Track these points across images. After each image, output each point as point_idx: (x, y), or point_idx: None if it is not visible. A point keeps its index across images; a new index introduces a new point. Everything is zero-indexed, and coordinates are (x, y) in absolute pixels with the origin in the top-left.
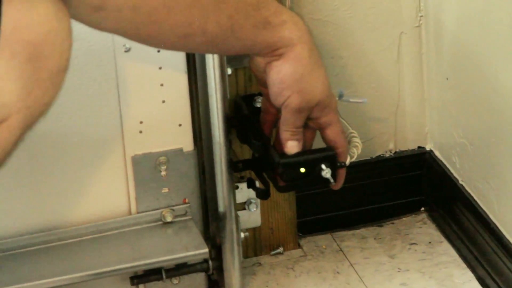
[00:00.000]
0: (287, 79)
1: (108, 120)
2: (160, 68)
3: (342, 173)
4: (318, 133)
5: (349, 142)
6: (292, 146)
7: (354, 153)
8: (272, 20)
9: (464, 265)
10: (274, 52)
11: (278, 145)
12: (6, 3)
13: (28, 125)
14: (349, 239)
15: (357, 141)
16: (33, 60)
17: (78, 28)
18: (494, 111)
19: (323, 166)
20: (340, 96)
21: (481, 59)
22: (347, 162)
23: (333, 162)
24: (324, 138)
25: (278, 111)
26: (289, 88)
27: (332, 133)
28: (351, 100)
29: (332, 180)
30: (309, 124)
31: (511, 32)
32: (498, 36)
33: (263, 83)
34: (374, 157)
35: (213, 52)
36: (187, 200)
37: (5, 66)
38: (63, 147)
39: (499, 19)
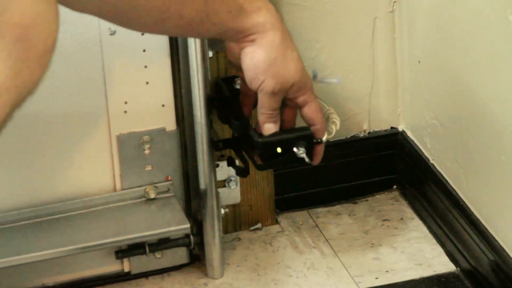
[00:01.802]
0: (260, 64)
1: (94, 100)
2: (144, 50)
3: (320, 149)
4: None
5: (327, 119)
6: (268, 128)
7: (333, 129)
8: (246, 7)
9: (434, 241)
10: (247, 37)
11: (258, 127)
12: None
13: (17, 103)
14: (325, 215)
15: (335, 117)
16: (21, 41)
17: (65, 11)
18: (464, 94)
19: (295, 149)
20: (314, 77)
21: (452, 44)
22: (324, 138)
23: (309, 140)
24: (302, 117)
25: (256, 93)
26: (263, 73)
27: (309, 111)
28: (325, 80)
29: (307, 159)
30: (288, 103)
31: (481, 17)
32: (469, 21)
33: (239, 68)
34: (349, 137)
35: (189, 36)
36: (169, 178)
37: None
38: (50, 126)
39: (471, 5)
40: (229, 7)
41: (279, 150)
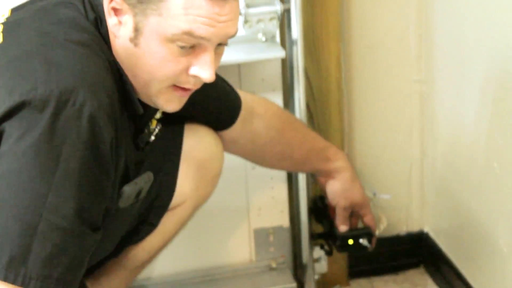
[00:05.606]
0: (337, 191)
1: (240, 208)
2: (271, 178)
3: (374, 240)
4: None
5: (378, 221)
6: (342, 228)
7: (381, 228)
8: (331, 157)
9: None
10: (330, 175)
11: (337, 226)
12: (185, 138)
13: (196, 207)
14: (378, 281)
15: (384, 219)
16: (201, 169)
17: (227, 154)
18: (461, 215)
19: (361, 240)
20: (375, 194)
21: (460, 178)
22: (377, 233)
23: (369, 235)
24: (362, 222)
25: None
26: (339, 197)
27: (367, 220)
28: (381, 196)
29: (369, 246)
30: (354, 214)
31: (474, 164)
32: (466, 166)
33: (325, 192)
34: (394, 234)
35: (294, 171)
36: (284, 255)
37: (185, 172)
38: (214, 218)
39: (468, 155)
40: (320, 157)
41: (350, 241)
